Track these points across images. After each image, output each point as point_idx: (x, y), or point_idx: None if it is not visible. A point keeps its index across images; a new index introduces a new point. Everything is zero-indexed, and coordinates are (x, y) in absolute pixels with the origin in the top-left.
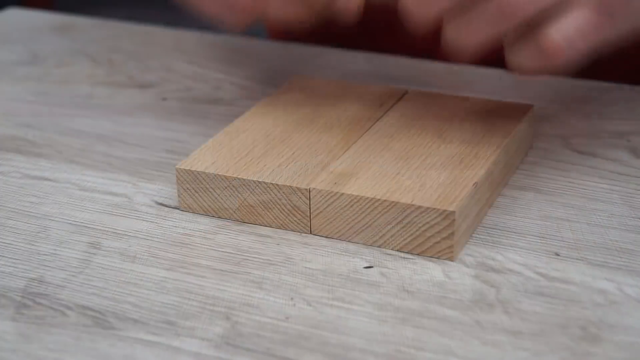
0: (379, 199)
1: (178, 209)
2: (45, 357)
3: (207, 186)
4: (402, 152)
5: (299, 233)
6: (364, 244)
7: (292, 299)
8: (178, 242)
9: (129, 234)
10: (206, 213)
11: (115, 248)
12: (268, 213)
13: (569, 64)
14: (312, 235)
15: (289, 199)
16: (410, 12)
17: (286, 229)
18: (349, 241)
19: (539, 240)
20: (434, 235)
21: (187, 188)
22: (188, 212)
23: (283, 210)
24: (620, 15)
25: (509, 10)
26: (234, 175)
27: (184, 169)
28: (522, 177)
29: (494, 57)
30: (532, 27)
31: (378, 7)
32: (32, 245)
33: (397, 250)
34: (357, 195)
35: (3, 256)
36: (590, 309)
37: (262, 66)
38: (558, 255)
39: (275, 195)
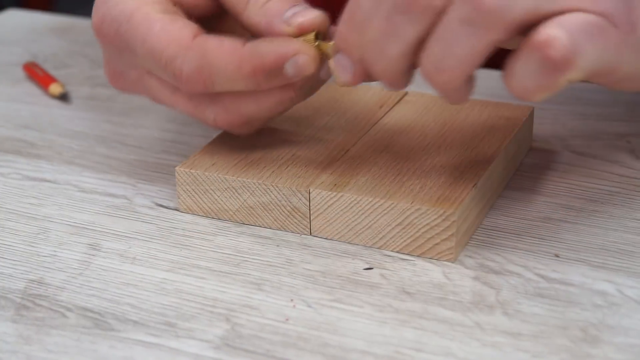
0: (379, 201)
1: (178, 210)
2: (45, 358)
3: (207, 188)
4: (402, 153)
5: (298, 234)
6: (364, 245)
7: (291, 300)
8: (178, 244)
9: (129, 235)
10: (206, 214)
11: (115, 249)
12: (268, 214)
13: (576, 71)
14: (312, 237)
15: (289, 201)
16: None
17: (286, 231)
18: (349, 242)
19: (539, 242)
20: (434, 236)
21: (187, 189)
22: (188, 213)
23: (283, 211)
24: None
25: (493, 15)
26: (234, 177)
27: (184, 171)
28: (522, 178)
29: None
30: (526, 33)
31: None
32: (32, 246)
33: (397, 252)
34: (357, 197)
35: (3, 257)
36: (590, 311)
37: None
38: (558, 256)
39: (275, 196)
